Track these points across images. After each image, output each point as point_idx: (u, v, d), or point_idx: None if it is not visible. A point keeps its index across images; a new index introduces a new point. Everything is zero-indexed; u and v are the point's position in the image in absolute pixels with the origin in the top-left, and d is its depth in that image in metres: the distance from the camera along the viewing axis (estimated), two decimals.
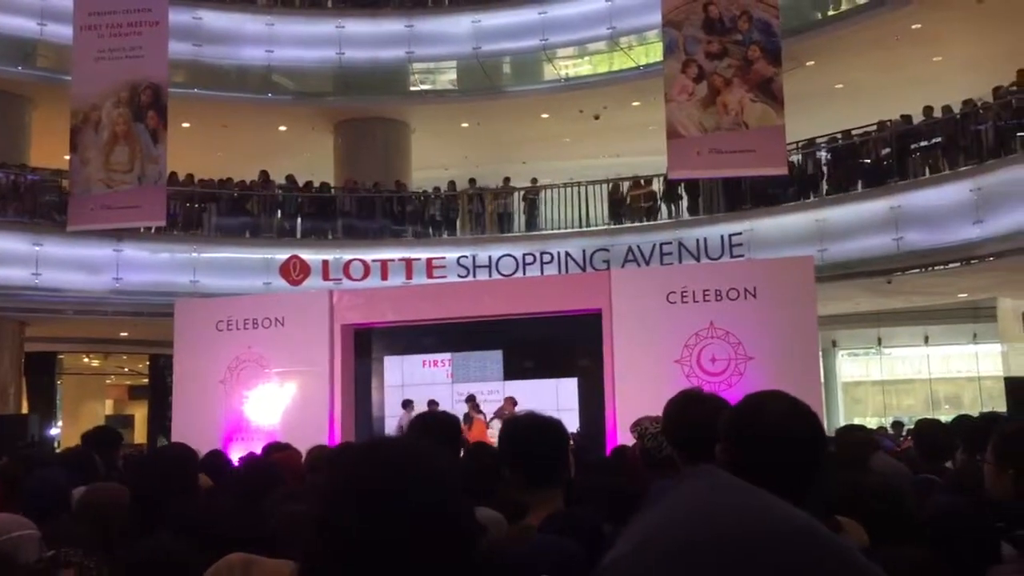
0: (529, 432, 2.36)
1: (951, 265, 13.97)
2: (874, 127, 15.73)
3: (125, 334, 19.21)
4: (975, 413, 18.92)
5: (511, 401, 12.47)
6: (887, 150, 15.24)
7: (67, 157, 14.44)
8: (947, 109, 14.74)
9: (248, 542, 1.97)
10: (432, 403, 12.73)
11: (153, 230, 16.04)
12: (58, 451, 10.22)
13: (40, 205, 16.30)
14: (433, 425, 2.72)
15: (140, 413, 25.41)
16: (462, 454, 3.72)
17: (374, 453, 1.17)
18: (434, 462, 1.15)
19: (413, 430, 2.80)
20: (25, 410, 17.78)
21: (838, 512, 1.86)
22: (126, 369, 25.94)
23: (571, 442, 2.92)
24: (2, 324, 16.03)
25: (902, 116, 15.32)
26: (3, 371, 16.18)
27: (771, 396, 1.78)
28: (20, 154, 17.53)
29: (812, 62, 16.64)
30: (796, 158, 15.74)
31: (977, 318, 19.62)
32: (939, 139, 14.57)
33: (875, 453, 4.24)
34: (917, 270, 14.35)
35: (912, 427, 9.95)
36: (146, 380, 23.53)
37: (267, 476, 2.98)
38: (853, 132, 15.93)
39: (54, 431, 20.73)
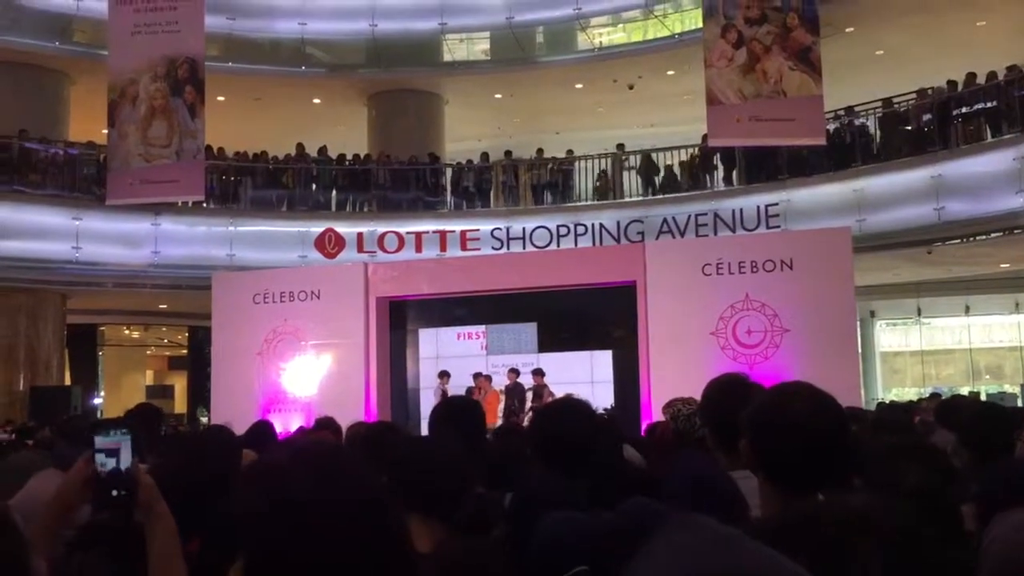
0: (556, 427, 2.35)
1: (993, 235, 13.72)
2: (914, 95, 15.41)
3: (164, 306, 19.48)
4: (1017, 383, 18.78)
5: (539, 373, 12.53)
6: (927, 116, 14.94)
7: (105, 132, 14.58)
8: (991, 75, 14.39)
9: None
10: (478, 376, 12.87)
11: (190, 204, 16.18)
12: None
13: (79, 179, 16.51)
14: (454, 415, 2.72)
15: (180, 384, 25.82)
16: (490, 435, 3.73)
17: (300, 465, 1.17)
18: (361, 471, 1.16)
19: (434, 421, 2.80)
20: (68, 381, 18.14)
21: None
22: (166, 341, 26.36)
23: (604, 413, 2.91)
24: (44, 297, 16.30)
25: (948, 82, 14.97)
26: (46, 343, 16.47)
27: (795, 389, 1.76)
28: (59, 129, 17.73)
29: (851, 28, 16.30)
30: (835, 126, 15.48)
31: (1019, 288, 19.32)
32: (983, 105, 14.21)
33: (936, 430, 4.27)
34: (958, 240, 14.12)
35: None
36: (185, 351, 23.91)
37: None
38: (894, 100, 15.61)
39: (96, 401, 21.13)
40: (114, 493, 1.68)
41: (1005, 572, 1.36)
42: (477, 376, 12.92)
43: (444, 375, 13.01)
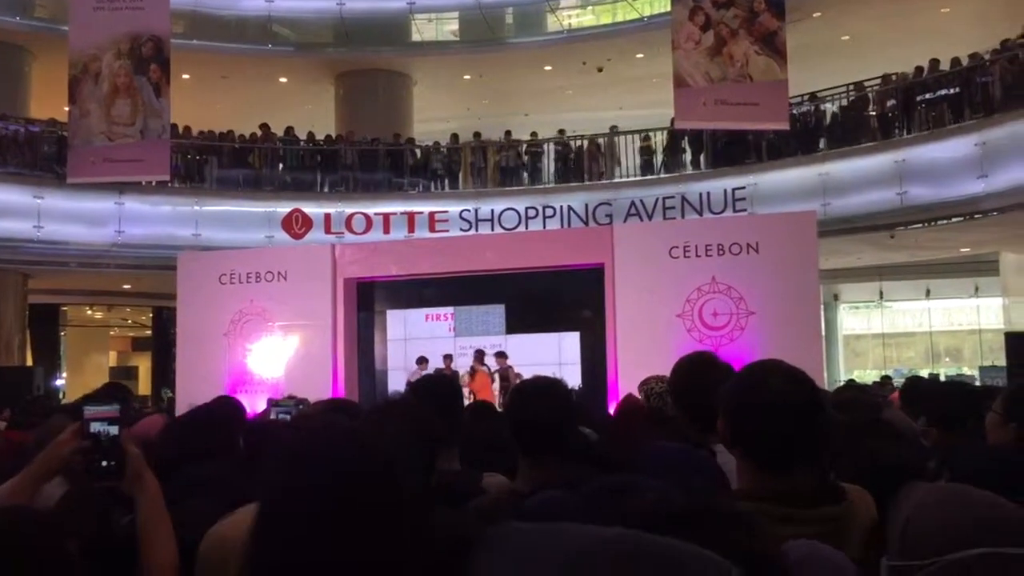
0: (530, 406, 2.36)
1: (954, 220, 13.94)
2: (879, 81, 15.57)
3: (128, 287, 19.26)
4: (975, 366, 19.15)
5: (502, 356, 12.60)
6: (892, 102, 15.12)
7: (67, 109, 14.34)
8: (955, 62, 14.58)
9: None
10: (447, 357, 12.88)
11: (154, 183, 15.98)
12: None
13: (40, 157, 16.23)
14: (430, 390, 2.73)
15: (144, 365, 25.56)
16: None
17: (322, 439, 1.19)
18: (382, 445, 1.18)
19: (410, 396, 2.81)
20: (30, 362, 17.90)
21: (853, 480, 1.87)
22: (129, 321, 26.05)
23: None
24: (5, 276, 16.06)
25: (916, 68, 15.13)
26: (7, 323, 16.24)
27: (769, 368, 1.78)
28: (20, 106, 17.42)
29: (818, 13, 16.43)
30: (801, 111, 15.62)
31: (979, 272, 19.64)
32: (946, 91, 14.39)
33: (885, 408, 4.35)
34: (920, 224, 14.32)
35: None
36: (149, 332, 23.66)
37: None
38: (865, 84, 15.74)
39: (59, 382, 20.87)
40: (103, 463, 1.74)
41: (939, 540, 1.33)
42: (447, 358, 12.95)
43: (422, 361, 12.97)
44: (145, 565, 1.72)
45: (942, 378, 16.29)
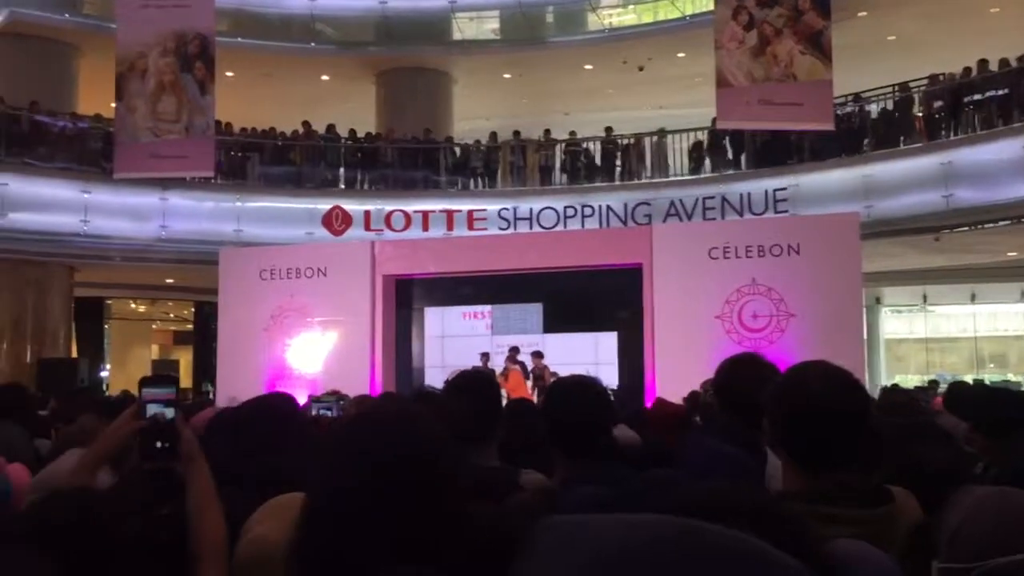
0: (567, 405, 2.36)
1: (1002, 223, 13.69)
2: (925, 81, 15.34)
3: (171, 281, 19.53)
4: (1021, 372, 18.77)
5: (538, 355, 12.57)
6: (939, 103, 14.88)
7: (114, 105, 14.57)
8: (1004, 63, 14.32)
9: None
10: (484, 356, 12.92)
11: (198, 179, 16.19)
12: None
13: (87, 152, 16.50)
14: (466, 386, 2.72)
15: (185, 358, 25.88)
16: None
17: (371, 420, 1.22)
18: (428, 427, 1.20)
19: (447, 392, 2.80)
20: (75, 354, 18.21)
21: (898, 482, 1.84)
22: (172, 315, 26.40)
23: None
24: (52, 270, 16.34)
25: (964, 68, 14.87)
26: (54, 316, 16.53)
27: (815, 369, 1.75)
28: (68, 102, 17.70)
29: (864, 13, 16.21)
30: (845, 111, 15.43)
31: None
32: (995, 92, 14.14)
33: (938, 414, 4.30)
34: (966, 228, 14.08)
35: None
36: (191, 326, 23.96)
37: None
38: (911, 84, 15.51)
39: (103, 374, 21.22)
40: (158, 445, 1.78)
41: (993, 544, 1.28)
42: (484, 356, 12.96)
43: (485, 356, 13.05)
44: (196, 545, 1.76)
45: (987, 384, 16.06)
